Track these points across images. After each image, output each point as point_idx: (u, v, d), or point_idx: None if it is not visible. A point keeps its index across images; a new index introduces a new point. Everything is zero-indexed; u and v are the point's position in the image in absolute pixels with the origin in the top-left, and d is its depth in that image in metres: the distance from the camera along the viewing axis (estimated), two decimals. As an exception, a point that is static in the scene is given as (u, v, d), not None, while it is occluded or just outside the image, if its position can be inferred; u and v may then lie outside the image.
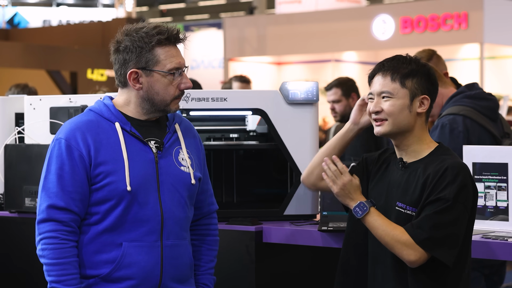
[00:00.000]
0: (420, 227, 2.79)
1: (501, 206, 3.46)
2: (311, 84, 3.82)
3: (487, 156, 3.50)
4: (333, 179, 2.94)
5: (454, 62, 16.03)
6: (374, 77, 2.97)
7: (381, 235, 2.85)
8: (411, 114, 2.91)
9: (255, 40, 16.72)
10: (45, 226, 2.76)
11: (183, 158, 2.93)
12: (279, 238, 3.63)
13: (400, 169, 2.94)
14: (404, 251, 2.81)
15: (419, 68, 2.93)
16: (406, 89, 2.90)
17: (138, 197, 2.81)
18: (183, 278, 2.92)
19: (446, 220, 2.79)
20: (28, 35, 21.82)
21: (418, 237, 2.79)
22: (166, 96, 2.86)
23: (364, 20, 15.06)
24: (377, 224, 2.86)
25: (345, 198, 2.94)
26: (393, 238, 2.82)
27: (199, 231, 3.08)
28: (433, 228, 2.78)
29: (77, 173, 2.78)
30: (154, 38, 2.82)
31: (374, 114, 2.95)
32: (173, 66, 2.85)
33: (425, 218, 2.79)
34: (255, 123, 4.06)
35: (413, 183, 2.89)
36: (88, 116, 2.88)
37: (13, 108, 4.40)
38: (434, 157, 2.91)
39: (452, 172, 2.81)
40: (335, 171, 2.94)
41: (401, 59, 2.95)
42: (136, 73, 2.84)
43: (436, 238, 2.78)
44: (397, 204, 2.90)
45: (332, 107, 6.38)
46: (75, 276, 2.75)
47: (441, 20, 14.21)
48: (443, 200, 2.79)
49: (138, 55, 2.82)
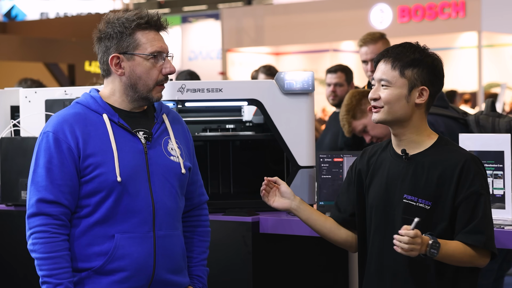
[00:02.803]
0: (478, 231, 2.80)
1: (497, 194, 3.46)
2: (307, 74, 3.81)
3: (483, 144, 3.49)
4: (412, 248, 2.68)
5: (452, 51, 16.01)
6: (379, 62, 2.94)
7: (460, 258, 2.80)
8: (409, 104, 2.88)
9: (253, 30, 16.71)
10: (35, 221, 2.75)
11: (172, 148, 2.92)
12: (276, 229, 3.63)
13: (403, 161, 2.92)
14: (480, 260, 2.83)
15: (423, 58, 2.88)
16: (405, 79, 2.87)
17: (128, 188, 2.79)
18: (177, 269, 2.91)
19: (488, 214, 2.84)
20: (26, 27, 21.80)
21: (482, 241, 2.80)
22: (148, 80, 2.84)
23: (362, 9, 15.05)
24: (451, 251, 2.78)
25: (420, 251, 2.74)
26: (470, 256, 2.81)
27: (191, 222, 3.07)
28: (487, 227, 2.82)
29: (66, 166, 2.77)
30: (133, 23, 2.82)
31: (372, 101, 2.93)
32: (155, 50, 2.84)
33: (478, 221, 2.80)
34: (251, 113, 4.05)
35: (423, 175, 2.86)
36: (75, 108, 2.87)
37: (9, 101, 4.39)
38: (439, 149, 2.89)
39: (474, 164, 2.83)
40: (410, 241, 2.67)
41: (406, 47, 2.91)
42: (117, 58, 2.84)
43: (491, 236, 2.84)
44: (405, 196, 2.87)
45: (334, 89, 6.40)
46: (67, 270, 2.74)
47: (438, 8, 14.19)
48: (477, 194, 2.81)
49: (119, 40, 2.82)
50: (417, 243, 2.68)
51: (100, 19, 2.91)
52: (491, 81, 15.37)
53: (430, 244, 2.71)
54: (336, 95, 6.40)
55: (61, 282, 2.71)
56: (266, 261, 3.69)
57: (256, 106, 3.84)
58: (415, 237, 2.67)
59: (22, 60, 17.96)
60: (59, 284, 2.71)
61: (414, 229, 2.67)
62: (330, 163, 3.76)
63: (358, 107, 4.52)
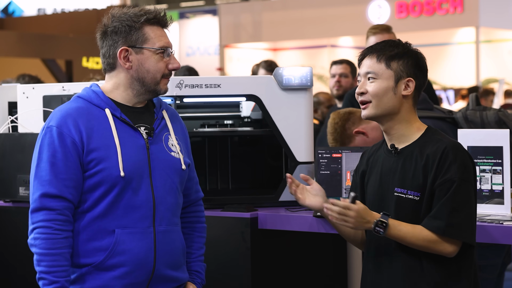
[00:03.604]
0: (438, 217, 2.79)
1: (496, 189, 3.45)
2: (305, 69, 3.81)
3: (482, 139, 3.49)
4: (342, 218, 2.83)
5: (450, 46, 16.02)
6: (363, 60, 2.97)
7: (412, 241, 2.81)
8: (396, 96, 2.90)
9: (251, 26, 16.70)
10: (38, 216, 2.74)
11: (172, 144, 2.93)
12: (275, 225, 3.62)
13: (394, 156, 2.93)
14: (440, 247, 2.80)
15: (406, 51, 2.93)
16: (391, 71, 2.90)
17: (131, 183, 2.79)
18: (177, 265, 2.91)
19: (459, 202, 2.79)
20: (23, 23, 21.76)
21: (440, 228, 2.78)
22: (156, 73, 2.86)
23: (360, 5, 15.05)
24: (403, 232, 2.81)
25: (363, 226, 2.84)
26: (424, 239, 2.80)
27: (189, 218, 3.08)
28: (450, 214, 2.78)
29: (70, 160, 2.76)
30: (142, 17, 2.85)
31: (359, 96, 2.95)
32: (162, 45, 2.87)
33: (439, 207, 2.79)
34: (249, 109, 4.04)
35: (411, 167, 2.87)
36: (78, 103, 2.87)
37: (6, 97, 4.38)
38: (426, 139, 2.90)
39: (452, 152, 2.82)
40: (341, 211, 2.83)
41: (389, 43, 2.97)
42: (126, 51, 2.85)
43: (456, 223, 2.79)
44: (396, 190, 2.89)
45: (339, 79, 6.42)
46: (65, 269, 2.73)
47: (436, 4, 14.19)
48: (450, 181, 2.79)
49: (127, 33, 2.84)
50: (350, 216, 2.80)
51: (99, 15, 2.93)
52: (489, 77, 15.37)
53: (375, 222, 2.80)
54: (341, 85, 6.43)
55: (58, 280, 2.70)
56: (264, 257, 3.68)
57: (255, 102, 3.83)
58: (347, 209, 2.79)
59: (19, 56, 17.94)
60: (56, 282, 2.70)
61: (344, 202, 2.80)
62: (328, 159, 3.75)
63: (344, 133, 4.39)
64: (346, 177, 3.75)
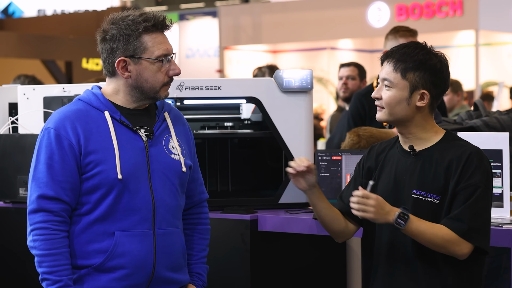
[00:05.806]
0: (460, 219, 2.78)
1: (495, 192, 3.45)
2: (305, 72, 3.81)
3: (481, 142, 3.48)
4: (361, 208, 2.78)
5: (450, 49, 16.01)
6: (384, 61, 2.94)
7: (430, 238, 2.79)
8: (410, 106, 2.88)
9: (251, 28, 16.70)
10: (35, 217, 2.75)
11: (173, 146, 2.92)
12: (274, 227, 3.63)
13: (411, 157, 2.92)
14: (456, 248, 2.79)
15: (426, 61, 2.87)
16: (407, 81, 2.87)
17: (129, 186, 2.80)
18: (177, 267, 2.91)
19: (480, 208, 2.80)
20: (23, 24, 21.75)
21: (460, 230, 2.78)
22: (155, 83, 2.85)
23: (359, 7, 15.05)
24: (422, 228, 2.79)
25: (383, 217, 2.80)
26: (443, 238, 2.78)
27: (191, 220, 3.07)
28: (472, 218, 2.78)
29: (67, 163, 2.77)
30: (140, 26, 2.80)
31: (376, 99, 2.94)
32: (161, 53, 2.84)
33: (462, 210, 2.79)
34: (249, 111, 4.05)
35: (430, 170, 2.86)
36: (77, 105, 2.87)
37: (7, 98, 4.38)
38: (446, 144, 2.89)
39: (477, 158, 2.82)
40: (359, 200, 2.80)
41: (412, 47, 2.90)
42: (124, 62, 2.83)
43: (476, 228, 2.79)
44: (414, 192, 2.88)
45: (346, 82, 6.42)
46: (67, 267, 2.74)
47: (436, 7, 14.20)
48: (474, 186, 2.79)
49: (125, 43, 2.81)
50: (369, 205, 2.75)
51: (99, 16, 2.91)
52: (488, 80, 15.37)
53: (398, 214, 2.76)
54: (348, 88, 6.43)
55: (61, 279, 2.72)
56: (264, 259, 3.69)
57: (255, 104, 3.84)
58: (366, 197, 2.75)
59: (19, 57, 17.93)
60: (59, 281, 2.71)
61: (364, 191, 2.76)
62: (328, 161, 3.76)
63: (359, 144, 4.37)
64: (346, 179, 3.76)
